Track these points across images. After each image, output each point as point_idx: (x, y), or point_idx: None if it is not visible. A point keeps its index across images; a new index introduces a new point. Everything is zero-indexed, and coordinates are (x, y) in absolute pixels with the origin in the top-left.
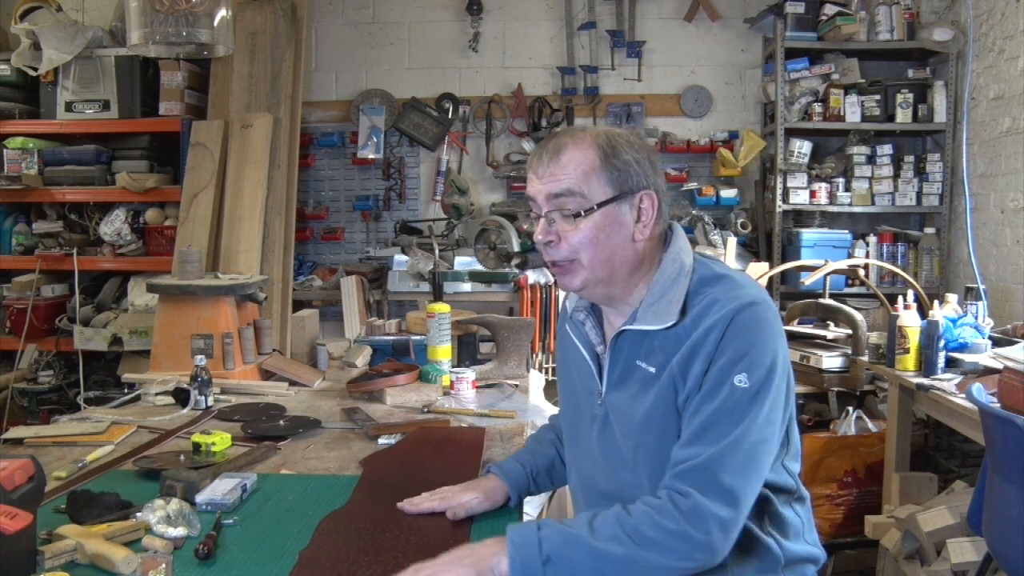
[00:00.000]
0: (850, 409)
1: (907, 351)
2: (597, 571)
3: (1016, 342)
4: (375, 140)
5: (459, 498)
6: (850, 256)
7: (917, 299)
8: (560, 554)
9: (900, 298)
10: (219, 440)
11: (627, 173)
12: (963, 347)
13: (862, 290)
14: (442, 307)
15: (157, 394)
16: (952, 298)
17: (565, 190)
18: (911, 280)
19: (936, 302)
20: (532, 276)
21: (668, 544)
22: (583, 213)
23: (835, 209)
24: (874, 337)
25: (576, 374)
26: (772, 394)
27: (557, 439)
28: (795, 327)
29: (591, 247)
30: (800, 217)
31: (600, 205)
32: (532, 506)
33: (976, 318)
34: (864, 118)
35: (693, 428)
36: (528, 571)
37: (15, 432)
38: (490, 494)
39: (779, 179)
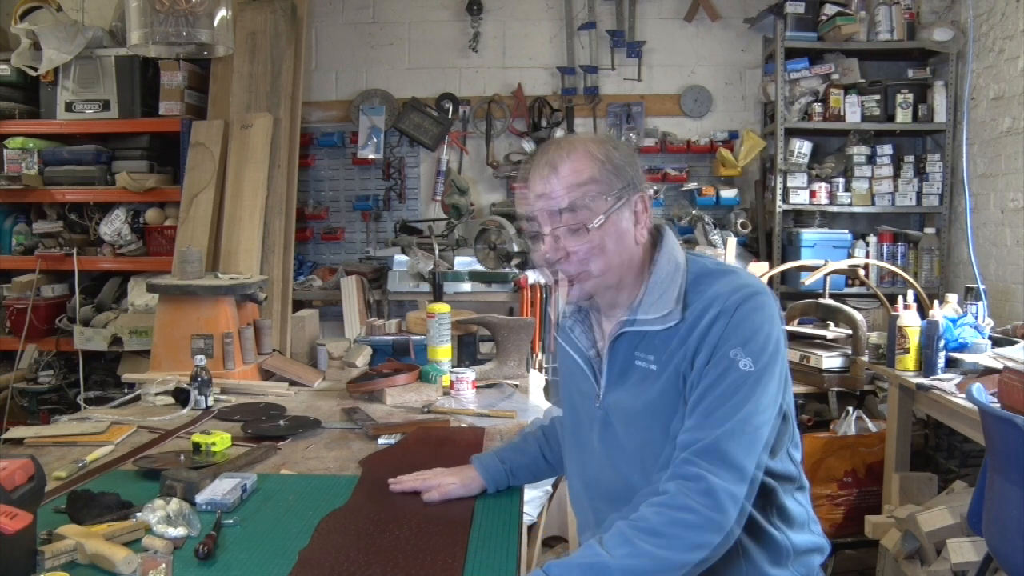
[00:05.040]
0: (850, 409)
1: (907, 351)
2: None
3: (1016, 342)
4: (375, 140)
5: (439, 480)
6: (850, 256)
7: (917, 299)
8: None
9: (900, 298)
10: (219, 440)
11: (622, 179)
12: (963, 347)
13: (862, 290)
14: (442, 307)
15: (157, 394)
16: (952, 298)
17: (568, 206)
18: (911, 280)
19: (936, 302)
20: (532, 276)
21: (691, 538)
22: (588, 229)
23: (835, 209)
24: (874, 337)
25: (572, 380)
26: (776, 378)
27: (544, 438)
28: (795, 327)
29: (601, 257)
30: (800, 217)
31: (604, 215)
32: (532, 506)
33: (976, 318)
34: (864, 118)
35: (699, 412)
36: None
37: (15, 432)
38: (467, 483)
39: (779, 179)
